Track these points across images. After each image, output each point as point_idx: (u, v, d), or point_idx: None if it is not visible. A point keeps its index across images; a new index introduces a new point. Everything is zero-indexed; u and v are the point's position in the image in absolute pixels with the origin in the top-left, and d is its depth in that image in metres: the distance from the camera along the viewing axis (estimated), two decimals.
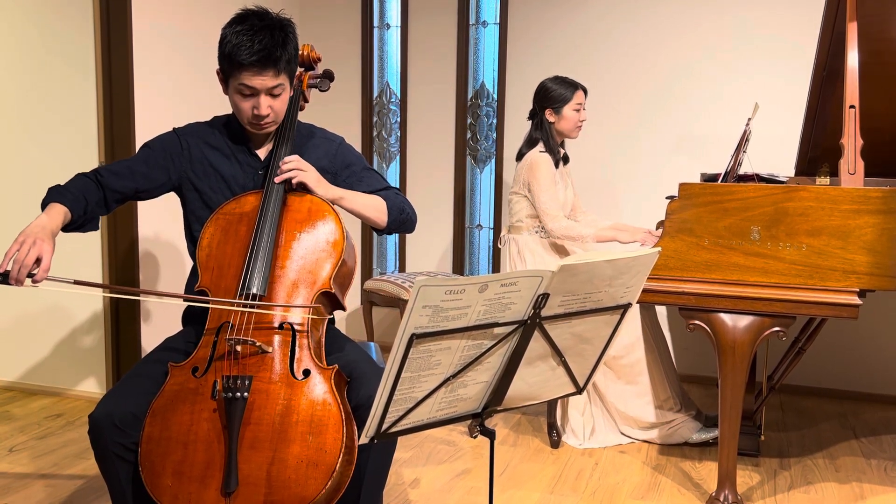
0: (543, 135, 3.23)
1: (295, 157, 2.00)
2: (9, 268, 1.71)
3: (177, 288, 3.41)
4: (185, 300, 1.91)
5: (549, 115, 3.21)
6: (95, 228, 2.00)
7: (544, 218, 3.14)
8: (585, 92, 3.25)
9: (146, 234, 3.44)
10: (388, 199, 2.11)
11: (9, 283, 1.70)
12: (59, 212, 1.86)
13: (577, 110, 3.21)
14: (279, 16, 1.99)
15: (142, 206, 3.40)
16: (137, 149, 2.86)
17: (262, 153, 2.11)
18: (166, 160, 2.07)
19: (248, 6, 2.00)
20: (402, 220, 2.14)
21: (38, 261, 1.72)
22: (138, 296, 1.83)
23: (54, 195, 1.91)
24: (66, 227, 1.91)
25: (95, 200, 1.96)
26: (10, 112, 3.57)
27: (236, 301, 1.83)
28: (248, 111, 1.98)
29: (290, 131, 2.09)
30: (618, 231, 3.14)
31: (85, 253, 3.43)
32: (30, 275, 1.71)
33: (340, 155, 2.18)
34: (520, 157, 3.29)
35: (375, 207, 2.08)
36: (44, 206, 1.90)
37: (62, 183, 1.96)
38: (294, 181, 1.97)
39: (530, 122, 3.29)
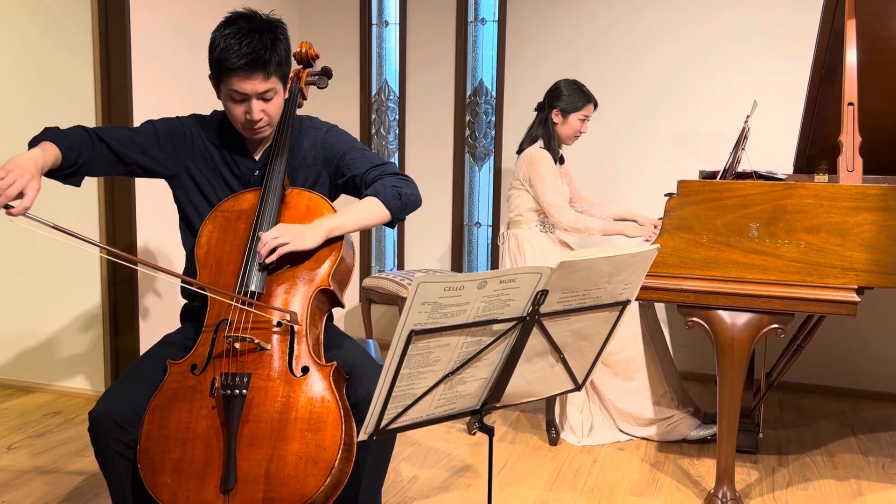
0: (546, 133, 3.26)
1: (268, 237, 1.84)
2: None
3: (175, 285, 3.41)
4: (164, 272, 1.79)
5: (555, 116, 3.24)
6: (77, 185, 1.93)
7: (551, 211, 3.15)
8: (596, 107, 3.29)
9: (145, 231, 3.43)
10: (379, 192, 1.99)
11: None
12: (52, 152, 1.79)
13: (583, 121, 3.25)
14: (269, 17, 1.95)
15: (140, 202, 3.39)
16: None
17: (257, 155, 2.09)
18: (169, 145, 2.04)
19: (244, 3, 1.99)
20: (404, 204, 2.02)
21: (20, 195, 1.63)
22: (135, 264, 1.76)
23: (50, 135, 1.84)
24: (51, 173, 1.83)
25: (87, 157, 1.91)
26: (7, 107, 3.56)
27: (235, 295, 1.82)
28: (240, 116, 1.95)
29: (287, 134, 2.05)
30: (625, 226, 3.17)
31: (84, 251, 3.43)
32: (7, 206, 1.62)
33: (327, 143, 2.11)
34: (521, 150, 3.31)
35: (371, 212, 1.97)
36: (36, 141, 1.83)
37: (61, 127, 1.90)
38: (280, 254, 1.85)
39: (536, 113, 3.32)
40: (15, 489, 2.63)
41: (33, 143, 1.86)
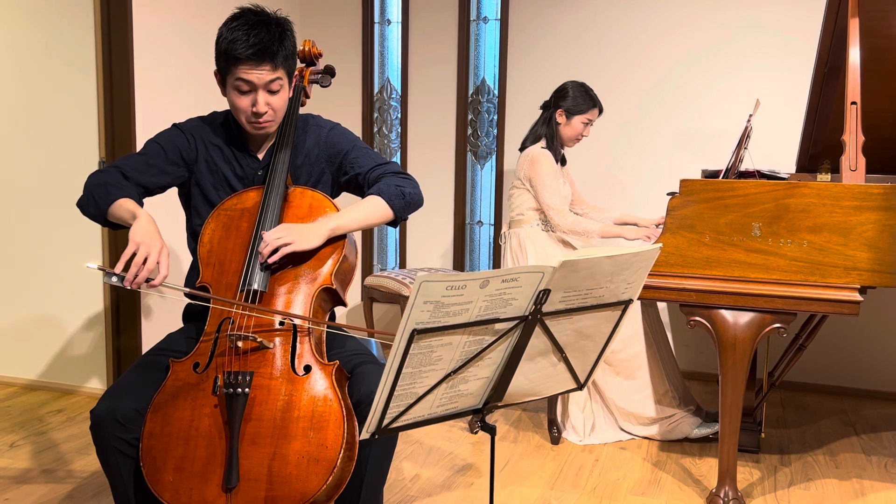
0: (549, 132, 3.26)
1: (270, 236, 1.85)
2: (125, 271, 1.69)
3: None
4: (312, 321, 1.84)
5: (559, 116, 3.24)
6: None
7: (550, 213, 3.16)
8: (601, 112, 3.29)
9: None
10: (383, 191, 2.00)
11: (122, 286, 1.69)
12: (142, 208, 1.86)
13: (586, 124, 3.26)
14: (276, 14, 1.97)
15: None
16: (139, 145, 2.86)
17: (261, 154, 2.09)
18: (176, 155, 2.05)
19: (247, 3, 1.99)
20: (408, 204, 2.03)
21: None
22: (243, 309, 1.83)
23: (113, 191, 1.89)
24: (120, 226, 1.90)
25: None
26: (10, 110, 3.56)
27: (251, 306, 1.82)
28: (246, 108, 1.94)
29: (290, 132, 2.05)
30: (623, 229, 3.17)
31: (85, 251, 3.43)
32: (146, 279, 1.71)
33: (330, 141, 2.11)
34: (523, 148, 3.31)
35: (374, 211, 1.98)
36: (102, 203, 1.88)
37: (101, 181, 1.93)
38: (283, 254, 1.85)
39: (541, 111, 3.32)
40: (17, 487, 2.64)
41: (93, 202, 1.90)
